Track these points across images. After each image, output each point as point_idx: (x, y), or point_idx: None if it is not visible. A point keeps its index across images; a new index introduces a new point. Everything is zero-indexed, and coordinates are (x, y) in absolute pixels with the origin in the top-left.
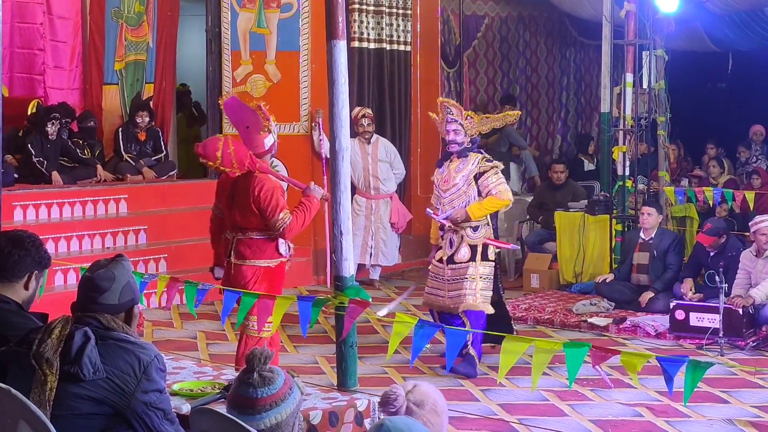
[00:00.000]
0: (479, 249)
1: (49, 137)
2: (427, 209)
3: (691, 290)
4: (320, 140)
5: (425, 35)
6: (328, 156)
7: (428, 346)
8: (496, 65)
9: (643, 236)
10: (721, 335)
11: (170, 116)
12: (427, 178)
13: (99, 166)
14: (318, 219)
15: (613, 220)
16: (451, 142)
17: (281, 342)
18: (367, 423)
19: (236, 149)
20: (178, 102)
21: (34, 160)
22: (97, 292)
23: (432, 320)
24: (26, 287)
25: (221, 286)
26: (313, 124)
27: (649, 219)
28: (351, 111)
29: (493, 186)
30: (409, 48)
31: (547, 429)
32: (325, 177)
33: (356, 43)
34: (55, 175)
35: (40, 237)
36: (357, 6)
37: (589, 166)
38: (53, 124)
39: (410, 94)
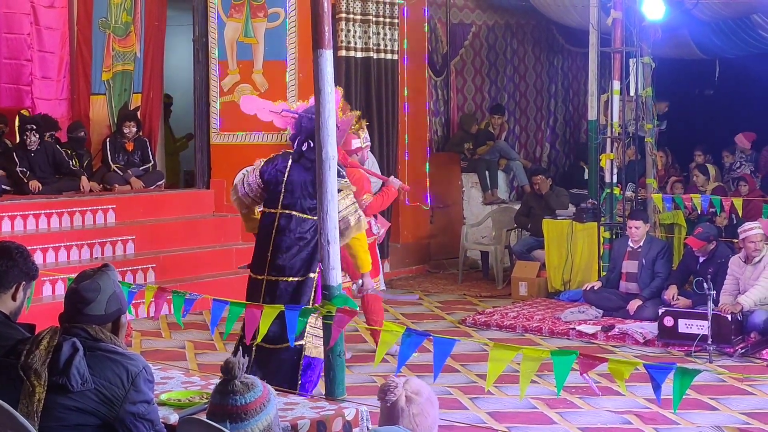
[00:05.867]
0: None
1: (27, 147)
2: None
3: (674, 296)
4: None
5: (412, 44)
6: None
7: (416, 354)
8: (483, 73)
9: (631, 245)
10: (709, 342)
11: (158, 126)
12: (415, 186)
13: (84, 178)
14: None
15: (601, 228)
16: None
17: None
18: None
19: None
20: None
21: (17, 169)
22: (83, 303)
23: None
24: (14, 298)
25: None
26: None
27: (637, 232)
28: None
29: None
30: (396, 56)
31: None
32: None
33: (343, 52)
34: (33, 183)
35: (28, 248)
36: (344, 15)
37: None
38: (30, 135)
39: (397, 102)
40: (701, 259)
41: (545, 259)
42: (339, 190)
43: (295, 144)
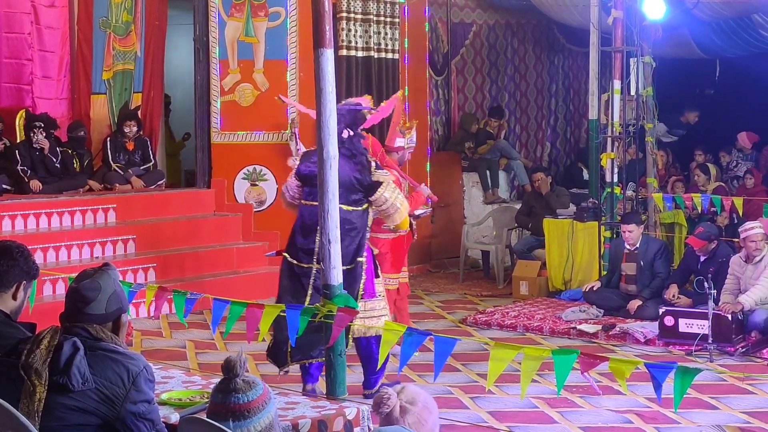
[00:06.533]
0: None
1: (33, 146)
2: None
3: (675, 295)
4: (297, 150)
5: (413, 43)
6: None
7: (417, 353)
8: (484, 73)
9: (628, 246)
10: (710, 341)
11: (158, 125)
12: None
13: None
14: None
15: (602, 227)
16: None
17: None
18: (357, 431)
19: (373, 144)
20: None
21: (18, 168)
22: (84, 303)
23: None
24: (14, 297)
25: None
26: (289, 134)
27: (631, 235)
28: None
29: None
30: (397, 56)
31: None
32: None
33: (344, 51)
34: (34, 183)
35: (29, 247)
36: (345, 14)
37: (587, 175)
38: (37, 132)
39: None
40: (702, 259)
41: (546, 258)
42: (380, 183)
43: None
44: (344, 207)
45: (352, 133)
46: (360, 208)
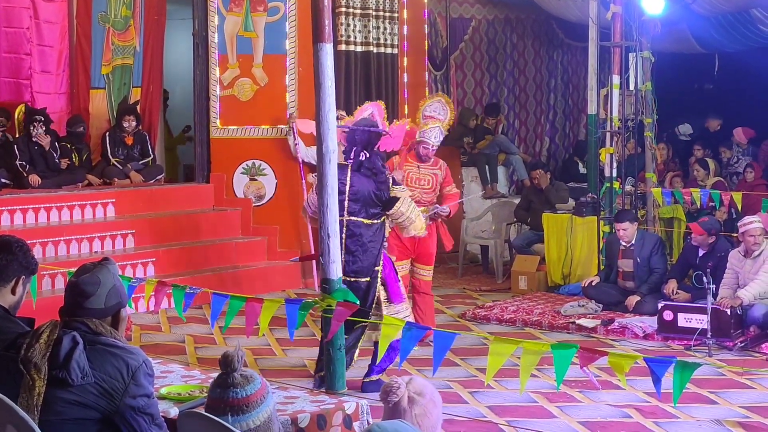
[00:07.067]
0: None
1: (33, 140)
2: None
3: (674, 290)
4: (295, 144)
5: (412, 38)
6: (305, 160)
7: (416, 348)
8: (483, 68)
9: (623, 243)
10: (709, 336)
11: (157, 120)
12: None
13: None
14: (305, 223)
15: (601, 222)
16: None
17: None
18: (356, 426)
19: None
20: None
21: (17, 163)
22: (83, 297)
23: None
24: (13, 292)
25: None
26: (287, 129)
27: (626, 233)
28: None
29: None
30: (396, 51)
31: (536, 431)
32: (303, 180)
33: (343, 46)
34: (33, 177)
35: (28, 242)
36: (344, 9)
37: (583, 169)
38: (37, 126)
39: (397, 97)
40: (701, 253)
41: (545, 253)
42: (397, 198)
43: (352, 155)
44: (364, 221)
45: (368, 154)
46: (378, 221)
